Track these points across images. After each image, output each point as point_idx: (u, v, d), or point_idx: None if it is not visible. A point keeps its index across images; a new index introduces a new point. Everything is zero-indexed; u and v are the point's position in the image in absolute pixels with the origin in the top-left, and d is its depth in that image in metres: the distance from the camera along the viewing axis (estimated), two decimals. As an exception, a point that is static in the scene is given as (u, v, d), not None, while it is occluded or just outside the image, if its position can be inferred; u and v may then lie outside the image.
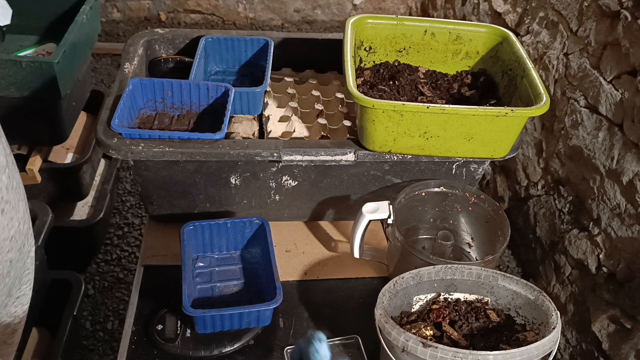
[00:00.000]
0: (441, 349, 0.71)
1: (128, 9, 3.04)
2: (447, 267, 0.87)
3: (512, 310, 0.87)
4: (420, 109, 0.92)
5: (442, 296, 0.89)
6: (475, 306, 0.88)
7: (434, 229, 1.06)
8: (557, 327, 0.77)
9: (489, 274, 0.87)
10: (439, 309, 0.87)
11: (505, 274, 0.87)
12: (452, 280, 0.88)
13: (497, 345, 0.82)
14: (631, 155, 1.38)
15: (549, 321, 0.80)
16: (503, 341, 0.83)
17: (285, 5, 3.15)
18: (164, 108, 1.07)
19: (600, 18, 1.49)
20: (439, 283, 0.88)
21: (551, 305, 0.81)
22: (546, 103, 0.94)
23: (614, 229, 1.45)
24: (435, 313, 0.86)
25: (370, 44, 1.16)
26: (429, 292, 0.89)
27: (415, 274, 0.86)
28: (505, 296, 0.87)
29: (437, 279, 0.87)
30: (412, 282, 0.86)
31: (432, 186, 1.03)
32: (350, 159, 0.99)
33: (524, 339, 0.82)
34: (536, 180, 1.86)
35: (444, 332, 0.84)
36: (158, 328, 0.89)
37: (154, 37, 1.22)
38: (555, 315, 0.80)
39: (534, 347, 0.72)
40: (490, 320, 0.87)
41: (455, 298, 0.89)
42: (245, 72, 1.26)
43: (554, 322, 0.78)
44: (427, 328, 0.84)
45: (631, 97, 1.37)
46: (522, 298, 0.85)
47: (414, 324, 0.84)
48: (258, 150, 0.96)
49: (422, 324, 0.84)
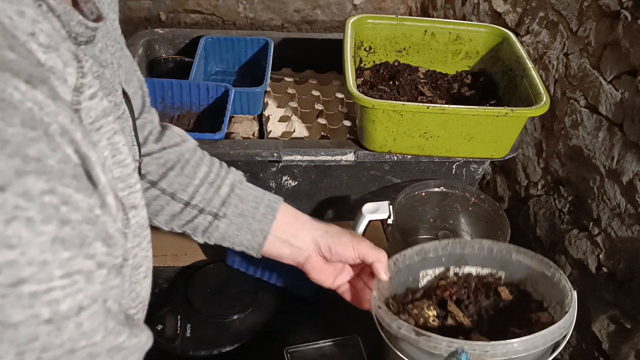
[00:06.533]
0: (434, 339, 0.65)
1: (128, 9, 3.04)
2: (454, 241, 0.81)
3: (528, 286, 0.80)
4: (420, 109, 0.92)
5: (452, 270, 0.83)
6: (487, 282, 0.82)
7: (434, 229, 1.06)
8: (572, 310, 0.69)
9: (502, 248, 0.81)
10: (446, 285, 0.81)
11: (519, 248, 0.80)
12: (462, 255, 0.82)
13: (506, 328, 0.75)
14: (631, 155, 1.37)
15: (564, 302, 0.72)
16: (513, 323, 0.76)
17: (285, 5, 3.15)
18: (164, 108, 1.07)
19: (600, 18, 1.49)
20: (448, 258, 0.82)
21: (567, 285, 0.74)
22: (546, 103, 0.94)
23: (614, 229, 1.45)
24: (442, 289, 0.80)
25: (370, 44, 1.15)
26: (437, 267, 0.83)
27: (419, 250, 0.80)
28: (520, 271, 0.81)
29: (445, 253, 0.82)
30: (416, 258, 0.81)
31: (432, 186, 1.03)
32: (350, 159, 0.99)
33: (537, 320, 0.74)
34: (536, 180, 1.86)
35: (448, 312, 0.78)
36: (158, 328, 0.89)
37: (154, 37, 1.22)
38: (571, 295, 0.72)
39: (541, 336, 0.65)
40: (502, 298, 0.79)
41: (467, 272, 0.83)
42: (245, 72, 1.26)
43: (568, 304, 0.70)
44: (431, 308, 0.78)
45: (631, 97, 1.37)
46: (537, 274, 0.79)
47: (416, 303, 0.78)
48: (258, 150, 0.96)
49: (427, 302, 0.78)
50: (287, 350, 0.89)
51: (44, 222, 0.29)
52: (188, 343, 0.87)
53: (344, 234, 0.77)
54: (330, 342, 0.91)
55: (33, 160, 0.29)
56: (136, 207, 0.46)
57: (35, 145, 0.29)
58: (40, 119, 0.30)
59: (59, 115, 0.31)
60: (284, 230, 0.75)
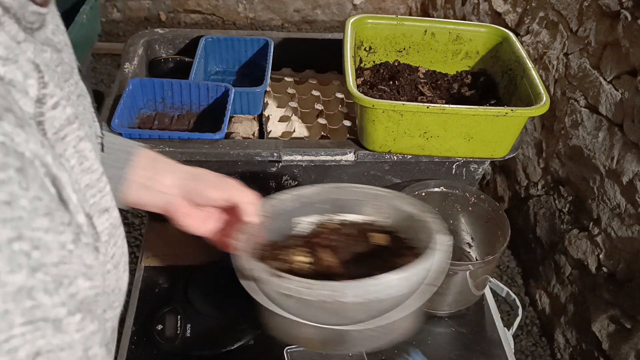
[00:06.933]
0: (285, 278, 0.62)
1: (128, 9, 3.04)
2: (332, 187, 0.80)
3: (403, 232, 0.79)
4: (420, 109, 0.92)
5: (330, 217, 0.82)
6: (363, 228, 0.81)
7: (434, 229, 1.06)
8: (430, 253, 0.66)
9: (380, 194, 0.79)
10: (322, 232, 0.80)
11: (398, 194, 0.79)
12: (340, 201, 0.81)
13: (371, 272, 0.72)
14: (631, 155, 1.38)
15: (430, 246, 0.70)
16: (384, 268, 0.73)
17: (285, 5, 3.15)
18: (164, 108, 1.07)
19: (600, 18, 1.49)
20: (324, 204, 0.81)
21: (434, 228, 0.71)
22: (546, 103, 0.94)
23: (614, 229, 1.45)
24: (316, 236, 0.79)
25: (370, 44, 1.16)
26: (315, 213, 0.81)
27: (296, 196, 0.78)
28: (397, 217, 0.79)
29: (322, 199, 0.80)
30: (293, 204, 0.79)
31: (432, 186, 1.03)
32: (350, 159, 0.99)
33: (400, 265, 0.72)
34: (536, 180, 1.86)
35: (319, 258, 0.76)
36: (158, 328, 0.89)
37: (154, 37, 1.22)
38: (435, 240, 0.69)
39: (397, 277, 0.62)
40: (375, 244, 0.78)
41: (344, 219, 0.82)
42: (245, 72, 1.26)
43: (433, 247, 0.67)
44: (302, 254, 0.76)
45: (631, 97, 1.37)
46: (413, 220, 0.77)
47: (288, 250, 0.77)
48: (258, 150, 0.96)
49: (298, 249, 0.77)
50: (287, 350, 0.89)
51: (12, 272, 0.28)
52: (188, 343, 0.87)
53: (211, 176, 0.73)
54: (330, 342, 0.91)
55: (3, 205, 0.28)
56: (108, 210, 0.46)
57: (6, 187, 0.28)
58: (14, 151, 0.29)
59: (30, 142, 0.31)
60: (143, 175, 0.70)
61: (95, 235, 0.43)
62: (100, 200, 0.45)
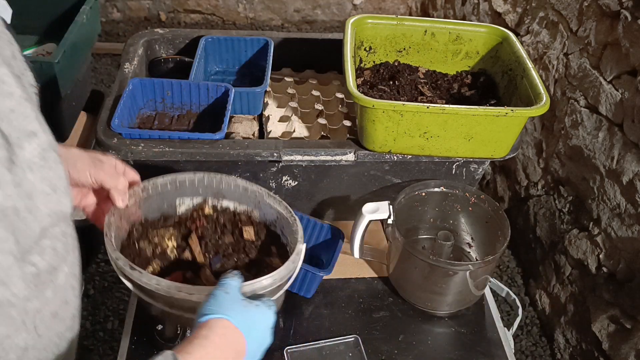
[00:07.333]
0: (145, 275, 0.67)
1: (128, 9, 3.04)
2: (210, 175, 0.82)
3: (278, 229, 0.82)
4: (420, 109, 0.92)
5: (211, 202, 0.84)
6: (241, 218, 0.83)
7: (434, 229, 1.06)
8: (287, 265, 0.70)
9: (255, 189, 0.82)
10: (198, 217, 0.82)
11: (270, 193, 0.82)
12: (220, 189, 0.83)
13: (237, 268, 0.77)
14: (631, 155, 1.38)
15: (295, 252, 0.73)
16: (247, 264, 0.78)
17: (285, 5, 3.15)
18: (164, 108, 1.07)
19: (600, 18, 1.49)
20: (205, 189, 0.83)
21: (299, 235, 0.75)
22: (546, 103, 0.94)
23: (614, 229, 1.45)
24: (191, 221, 0.82)
25: (370, 44, 1.16)
26: (195, 196, 0.84)
27: (172, 180, 0.81)
28: (271, 214, 0.82)
29: (202, 186, 0.83)
30: (169, 187, 0.81)
31: (432, 186, 1.03)
32: (350, 159, 0.99)
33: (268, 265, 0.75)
34: (536, 180, 1.86)
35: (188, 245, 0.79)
36: (158, 328, 0.89)
37: (154, 37, 1.22)
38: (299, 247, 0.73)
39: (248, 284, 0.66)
40: (244, 238, 0.81)
41: (225, 206, 0.84)
42: (245, 72, 1.26)
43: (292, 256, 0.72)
44: (172, 238, 0.79)
45: (631, 97, 1.37)
46: (284, 219, 0.80)
47: (160, 231, 0.79)
48: (258, 150, 0.96)
49: (169, 232, 0.79)
50: (287, 350, 0.89)
51: None
52: (188, 343, 0.87)
53: (82, 159, 0.74)
54: (330, 342, 0.91)
55: None
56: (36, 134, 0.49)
57: None
58: None
59: None
60: None
61: None
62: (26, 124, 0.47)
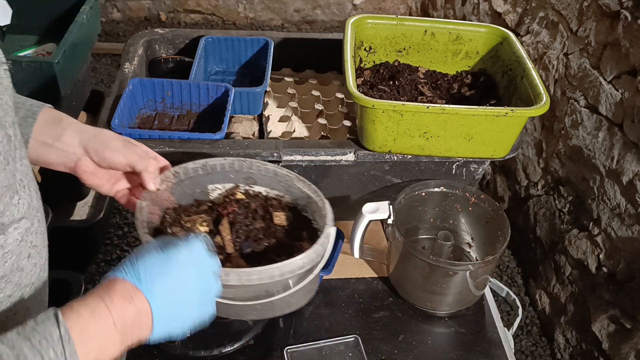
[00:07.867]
0: None
1: (128, 9, 3.04)
2: (240, 160, 0.82)
3: (309, 213, 0.82)
4: (420, 109, 0.92)
5: (243, 187, 0.84)
6: (272, 204, 0.83)
7: (434, 229, 1.06)
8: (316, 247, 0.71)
9: (285, 173, 0.82)
10: (230, 202, 0.82)
11: (300, 177, 0.81)
12: (250, 174, 0.83)
13: (267, 253, 0.77)
14: (631, 155, 1.38)
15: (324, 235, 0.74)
16: (277, 249, 0.78)
17: (285, 5, 3.15)
18: (164, 108, 1.07)
19: (600, 18, 1.49)
20: (236, 175, 0.83)
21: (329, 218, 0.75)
22: (546, 103, 0.94)
23: (614, 229, 1.45)
24: (223, 206, 0.81)
25: (370, 44, 1.16)
26: (227, 182, 0.84)
27: (203, 164, 0.81)
28: (302, 198, 0.82)
29: (232, 170, 0.82)
30: (201, 172, 0.81)
31: (432, 186, 1.03)
32: (350, 159, 0.99)
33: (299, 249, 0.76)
34: (536, 180, 1.86)
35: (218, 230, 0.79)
36: (158, 328, 0.89)
37: (154, 37, 1.22)
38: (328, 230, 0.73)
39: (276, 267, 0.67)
40: (275, 223, 0.81)
41: (257, 191, 0.84)
42: (245, 72, 1.26)
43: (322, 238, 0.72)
44: (204, 224, 0.79)
45: (631, 97, 1.37)
46: (314, 203, 0.80)
47: (193, 217, 0.79)
48: (258, 150, 0.96)
49: (201, 218, 0.79)
50: (287, 350, 0.89)
51: None
52: (188, 343, 0.87)
53: (115, 139, 0.73)
54: (330, 342, 0.91)
55: None
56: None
57: None
58: None
59: None
60: (47, 134, 0.70)
61: None
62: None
